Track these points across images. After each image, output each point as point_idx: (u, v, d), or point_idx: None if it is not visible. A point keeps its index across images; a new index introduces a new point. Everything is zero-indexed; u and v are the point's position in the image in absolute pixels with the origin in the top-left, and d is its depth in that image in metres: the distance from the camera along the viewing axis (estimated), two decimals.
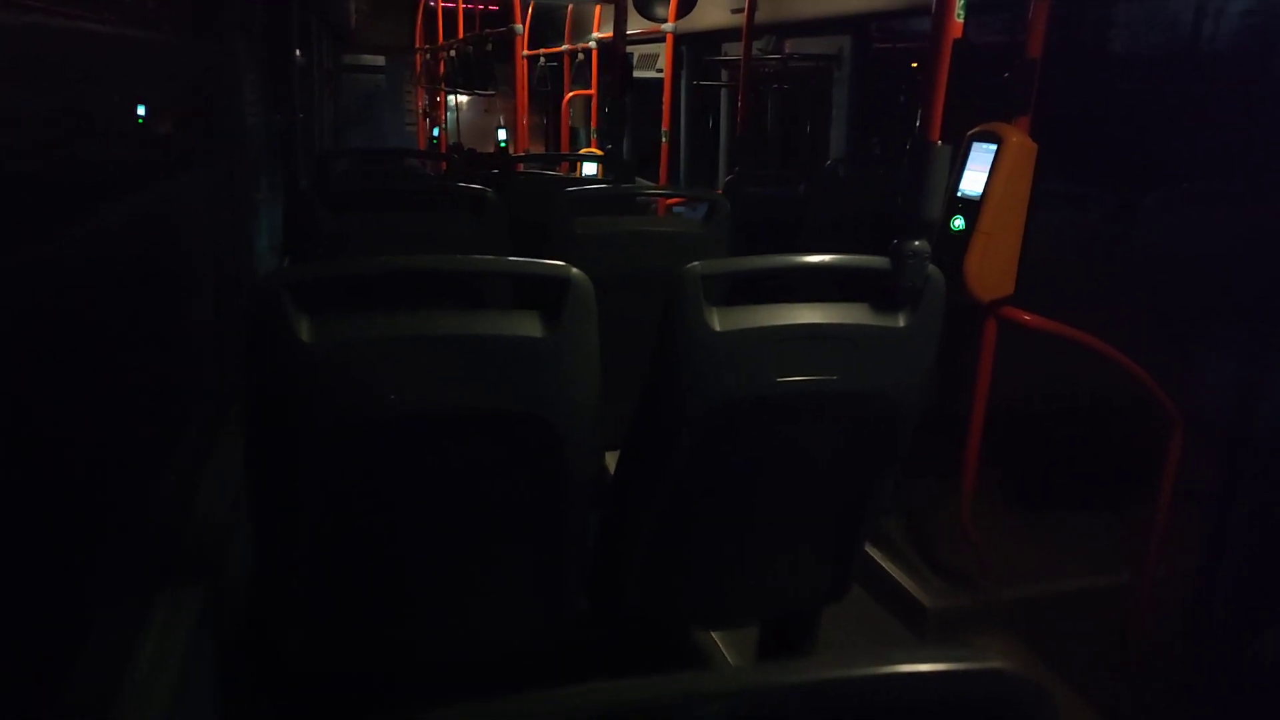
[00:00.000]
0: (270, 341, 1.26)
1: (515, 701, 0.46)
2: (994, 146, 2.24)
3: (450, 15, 8.30)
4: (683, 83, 6.17)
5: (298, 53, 4.66)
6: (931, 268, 1.53)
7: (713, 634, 2.42)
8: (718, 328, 1.44)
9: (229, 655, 1.67)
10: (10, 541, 1.16)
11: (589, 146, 6.76)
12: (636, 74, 7.11)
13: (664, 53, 5.48)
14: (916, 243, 1.50)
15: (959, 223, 2.27)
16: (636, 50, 7.12)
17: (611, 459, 1.76)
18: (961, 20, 1.58)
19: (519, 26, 5.83)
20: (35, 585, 1.25)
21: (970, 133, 2.31)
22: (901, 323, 1.52)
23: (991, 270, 2.27)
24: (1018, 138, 2.22)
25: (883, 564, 2.75)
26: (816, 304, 1.49)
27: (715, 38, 5.73)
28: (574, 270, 1.37)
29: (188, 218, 2.33)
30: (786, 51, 5.07)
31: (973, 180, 2.27)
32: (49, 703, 1.23)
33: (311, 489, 1.37)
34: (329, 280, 1.39)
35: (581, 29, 7.59)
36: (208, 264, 2.21)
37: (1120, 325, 2.36)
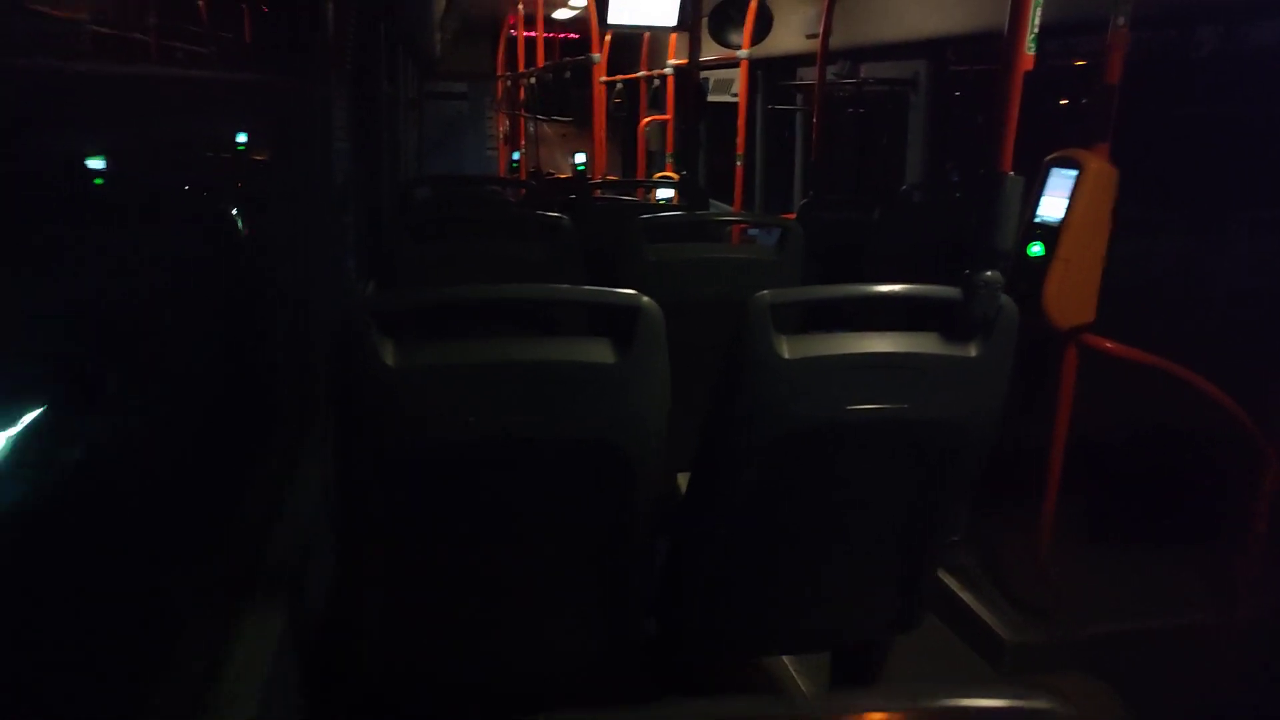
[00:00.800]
0: (356, 363, 1.33)
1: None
2: (1074, 172, 2.20)
3: (531, 44, 8.50)
4: (758, 107, 6.19)
5: (385, 83, 4.84)
6: (1004, 298, 1.51)
7: (784, 659, 2.41)
8: (787, 355, 1.45)
9: (311, 669, 1.74)
10: (102, 550, 1.24)
11: (665, 170, 6.83)
12: (712, 98, 7.18)
13: (739, 77, 5.51)
14: (989, 273, 1.49)
15: (1037, 249, 2.24)
16: (712, 75, 7.18)
17: (683, 480, 1.78)
18: (1033, 53, 1.57)
19: (597, 55, 5.95)
20: (126, 596, 1.32)
21: (1048, 158, 2.28)
22: (973, 353, 1.51)
23: (1071, 297, 2.23)
24: (1097, 163, 2.18)
25: (960, 594, 2.70)
26: (887, 333, 1.50)
27: (790, 62, 5.75)
28: (644, 299, 1.40)
29: (281, 242, 2.44)
30: (861, 75, 5.06)
31: (1052, 206, 2.23)
32: (137, 713, 1.30)
33: (391, 506, 1.42)
34: (413, 307, 1.45)
35: (657, 55, 7.69)
36: (298, 286, 2.32)
37: (1207, 354, 2.28)
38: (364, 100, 3.99)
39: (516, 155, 9.92)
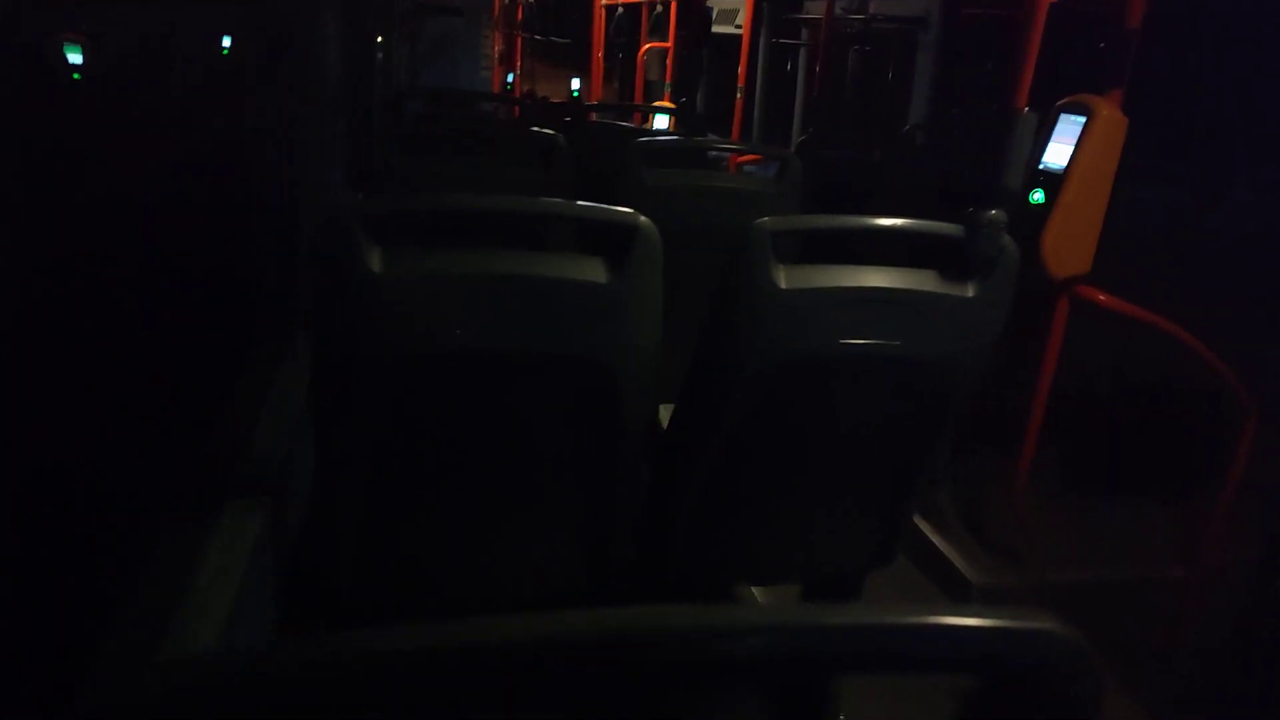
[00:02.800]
0: (342, 271, 1.29)
1: (561, 616, 0.47)
2: (1083, 119, 2.16)
3: None
4: (761, 40, 6.05)
5: None
6: (1007, 239, 1.49)
7: (755, 591, 2.44)
8: (784, 285, 1.42)
9: (286, 580, 1.73)
10: (75, 452, 1.22)
11: (662, 100, 6.69)
12: (715, 29, 7.00)
13: (744, 8, 5.37)
14: (993, 211, 1.46)
15: (1039, 196, 2.20)
16: (716, 5, 7.00)
17: (666, 413, 1.77)
18: None
19: None
20: (99, 496, 1.31)
21: (1059, 103, 2.23)
22: (971, 293, 1.49)
23: (1069, 247, 2.20)
24: (1108, 110, 2.14)
25: (931, 536, 2.73)
26: (886, 268, 1.47)
27: None
28: (642, 218, 1.37)
29: (264, 147, 2.37)
30: (871, 12, 4.94)
31: (1057, 153, 2.19)
32: (112, 607, 1.29)
33: (373, 418, 1.40)
34: (401, 215, 1.41)
35: None
36: (280, 193, 2.26)
37: (1198, 309, 2.28)
38: (355, 7, 3.85)
39: (511, 77, 9.70)
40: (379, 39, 4.46)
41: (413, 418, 1.44)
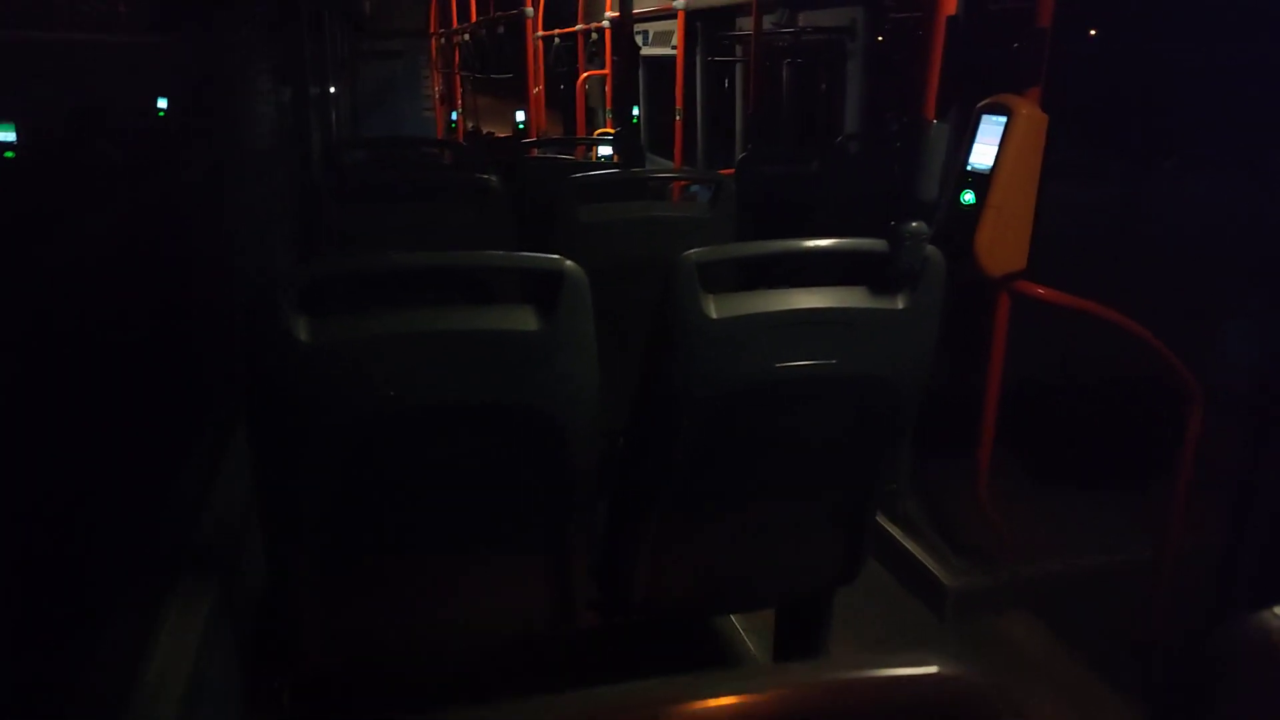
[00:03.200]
0: (268, 341, 1.28)
1: (521, 704, 0.47)
2: (1004, 119, 2.19)
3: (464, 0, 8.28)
4: (698, 60, 6.10)
5: (309, 40, 4.67)
6: (930, 248, 1.50)
7: (732, 617, 2.43)
8: (714, 315, 1.43)
9: (245, 653, 1.70)
10: (22, 537, 1.18)
11: (605, 127, 6.73)
12: (652, 51, 7.07)
13: (677, 29, 5.42)
14: (914, 224, 1.47)
15: (969, 197, 2.23)
16: (651, 28, 7.06)
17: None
18: None
19: (530, 9, 5.81)
20: (48, 582, 1.27)
21: (980, 105, 2.27)
22: (900, 305, 1.50)
23: (1002, 244, 2.23)
24: (1028, 109, 2.17)
25: (903, 543, 2.74)
26: (814, 289, 1.48)
27: (729, 12, 5.66)
28: (567, 263, 1.37)
29: (202, 214, 2.35)
30: (800, 24, 5.00)
31: (982, 153, 2.23)
32: (63, 700, 1.26)
33: (316, 486, 1.38)
34: (327, 280, 1.40)
35: (595, 7, 7.53)
36: (221, 261, 2.24)
37: (1137, 298, 2.31)
38: (289, 59, 3.84)
39: (455, 115, 9.72)
40: (314, 90, 4.45)
41: (358, 478, 1.42)
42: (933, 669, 0.48)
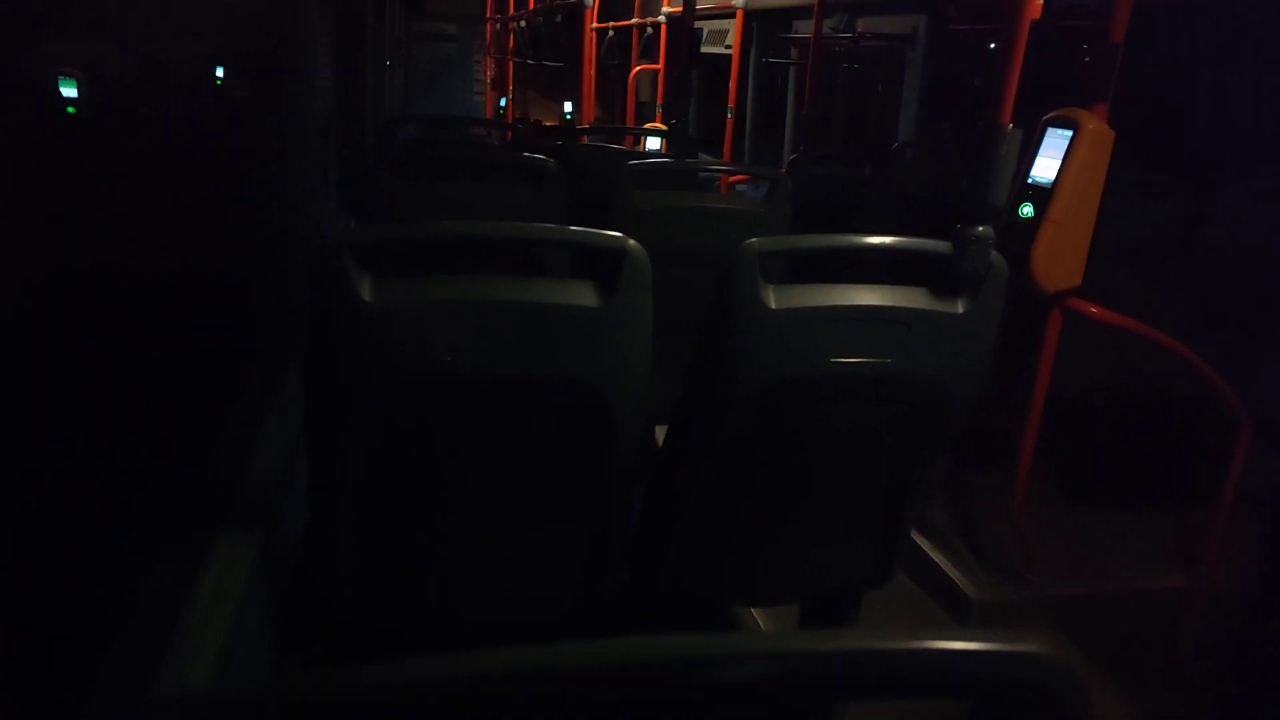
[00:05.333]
0: (334, 299, 1.30)
1: (555, 649, 0.48)
2: (1069, 132, 2.17)
3: None
4: (752, 60, 6.09)
5: (370, 19, 4.71)
6: (995, 255, 1.50)
7: (754, 612, 2.43)
8: (773, 305, 1.43)
9: (283, 603, 1.73)
10: (75, 476, 1.21)
11: (654, 122, 6.73)
12: (706, 49, 7.06)
13: (734, 29, 5.41)
14: (981, 228, 1.47)
15: (1028, 210, 2.22)
16: (706, 26, 7.05)
17: (661, 434, 1.77)
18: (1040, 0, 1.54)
19: (589, 0, 5.82)
20: (99, 522, 1.30)
21: (1046, 117, 2.25)
22: (960, 309, 1.49)
23: (1059, 260, 2.21)
24: (1095, 124, 2.15)
25: (929, 552, 2.72)
26: (874, 286, 1.48)
27: (787, 14, 5.65)
28: (630, 241, 1.37)
29: (258, 175, 2.38)
30: (859, 30, 4.98)
31: (1045, 167, 2.21)
32: (109, 632, 1.29)
33: (366, 445, 1.40)
34: (391, 243, 1.42)
35: (651, 2, 7.53)
36: (276, 221, 2.27)
37: (1191, 321, 2.29)
38: (348, 35, 3.88)
39: (504, 101, 9.76)
40: (370, 67, 4.49)
41: (406, 442, 1.44)
42: (1032, 648, 0.49)
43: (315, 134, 2.34)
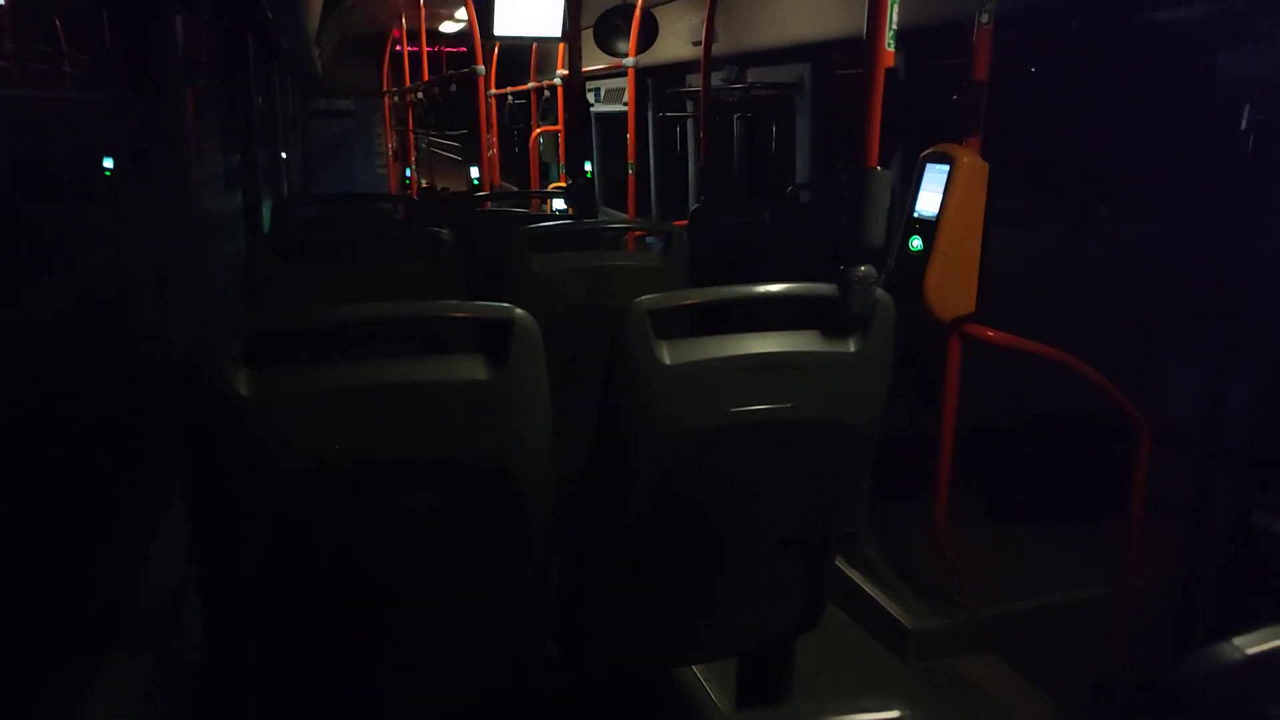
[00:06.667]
0: (206, 396, 1.24)
1: None
2: (946, 167, 2.25)
3: (416, 58, 8.36)
4: (649, 115, 6.21)
5: (259, 100, 4.66)
6: (880, 292, 1.52)
7: (693, 668, 2.38)
8: (668, 361, 1.42)
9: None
10: None
11: (559, 181, 6.78)
12: (604, 108, 7.18)
13: (628, 85, 5.51)
14: (863, 268, 1.49)
15: (916, 243, 2.27)
16: (603, 84, 7.17)
17: None
18: (892, 49, 1.59)
19: (481, 68, 5.88)
20: None
21: (923, 154, 2.33)
22: (852, 348, 1.51)
23: (951, 289, 2.27)
24: (969, 157, 2.23)
25: (863, 587, 2.73)
26: (767, 333, 1.48)
27: (678, 69, 5.78)
28: (517, 311, 1.35)
29: (141, 271, 2.31)
30: (748, 80, 5.11)
31: (928, 201, 2.28)
32: None
33: (258, 546, 1.33)
34: (272, 332, 1.37)
35: (548, 65, 7.64)
36: (160, 318, 2.19)
37: (1084, 338, 2.36)
38: (235, 117, 3.83)
39: (409, 171, 9.75)
40: (261, 151, 4.43)
41: (300, 539, 1.38)
42: (895, 714, 0.47)
43: (195, 225, 2.27)
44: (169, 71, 2.04)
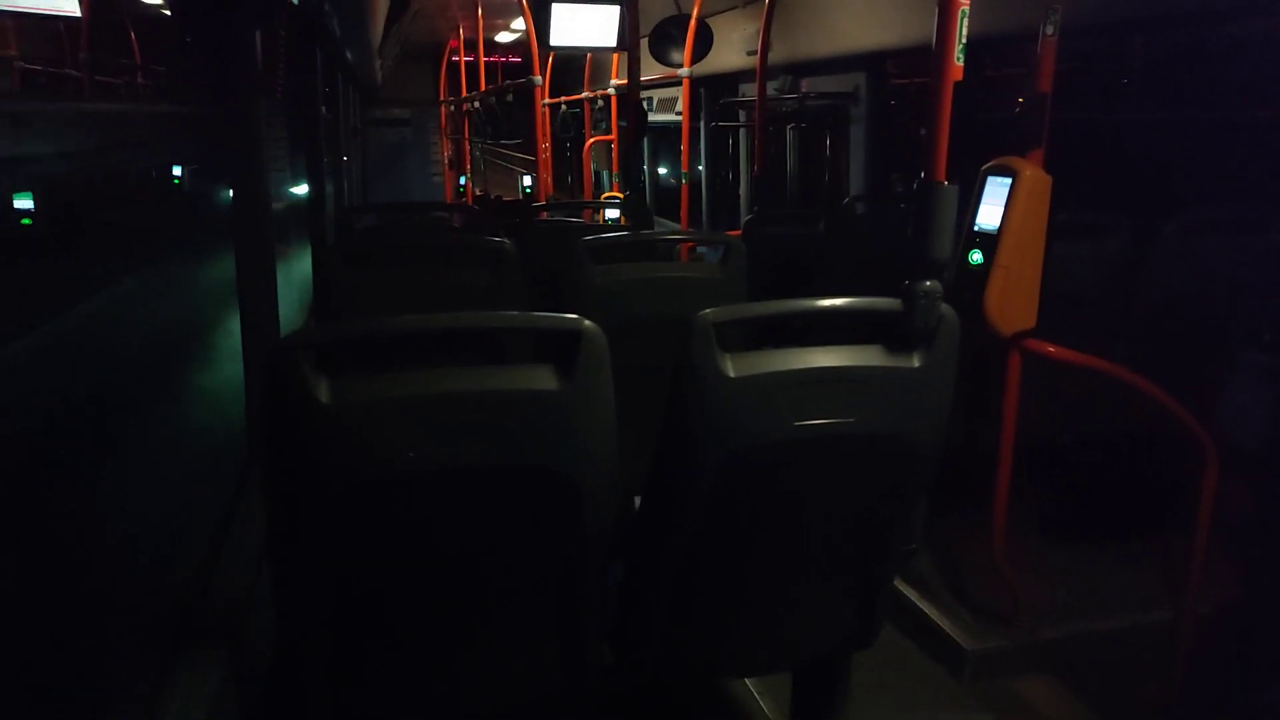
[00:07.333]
0: (289, 404, 1.28)
1: None
2: (1009, 180, 2.23)
3: (472, 68, 8.48)
4: (702, 125, 6.23)
5: (324, 110, 4.77)
6: (945, 307, 1.52)
7: (746, 681, 2.38)
8: (732, 374, 1.43)
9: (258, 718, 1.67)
10: (31, 611, 1.18)
11: (612, 191, 6.83)
12: (658, 117, 7.21)
13: (681, 96, 5.54)
14: (928, 283, 1.49)
15: (977, 257, 2.26)
16: (656, 94, 7.21)
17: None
18: (961, 63, 1.59)
19: (538, 78, 5.95)
20: (55, 653, 1.26)
21: (985, 167, 2.31)
22: (916, 363, 1.51)
23: (1012, 303, 2.25)
24: (1031, 170, 2.21)
25: (919, 605, 2.70)
26: (831, 347, 1.49)
27: (732, 79, 5.80)
28: (586, 322, 1.38)
29: (209, 279, 2.37)
30: (803, 90, 5.11)
31: (989, 214, 2.26)
32: None
33: (332, 548, 1.37)
34: (342, 343, 1.41)
35: (600, 76, 7.70)
36: (232, 324, 2.25)
37: (1147, 354, 2.32)
38: (302, 128, 3.92)
39: (464, 179, 9.89)
40: (327, 159, 4.53)
41: (372, 542, 1.41)
42: None
43: (264, 227, 2.33)
44: (248, 84, 2.10)
